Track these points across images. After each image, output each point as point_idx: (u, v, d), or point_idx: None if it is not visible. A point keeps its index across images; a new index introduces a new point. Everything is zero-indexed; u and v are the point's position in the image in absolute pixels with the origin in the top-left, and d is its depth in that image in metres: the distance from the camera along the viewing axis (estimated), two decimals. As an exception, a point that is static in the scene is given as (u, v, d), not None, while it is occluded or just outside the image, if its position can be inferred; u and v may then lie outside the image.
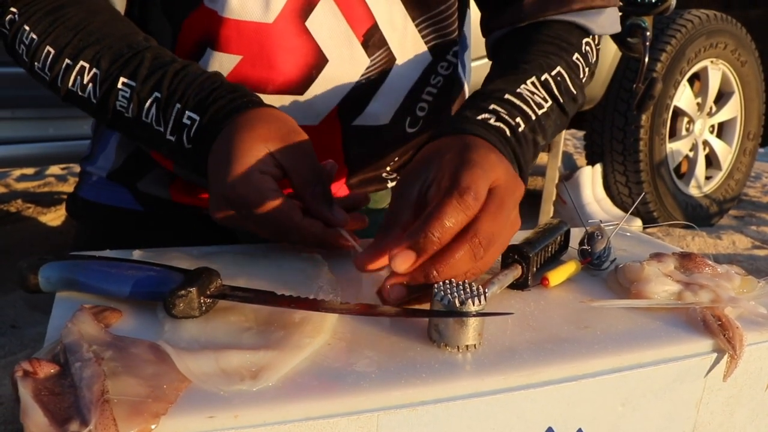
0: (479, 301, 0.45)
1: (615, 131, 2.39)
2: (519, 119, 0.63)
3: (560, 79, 0.70)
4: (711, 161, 2.74)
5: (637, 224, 2.32)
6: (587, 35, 0.76)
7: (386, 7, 0.76)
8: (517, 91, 0.66)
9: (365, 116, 0.80)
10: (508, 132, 0.62)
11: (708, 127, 2.67)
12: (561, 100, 0.69)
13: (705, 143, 2.68)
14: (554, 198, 2.14)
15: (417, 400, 0.40)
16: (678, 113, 2.53)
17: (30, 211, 2.23)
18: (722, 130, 2.74)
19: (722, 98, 2.68)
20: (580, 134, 3.78)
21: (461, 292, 0.45)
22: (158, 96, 0.65)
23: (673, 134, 2.55)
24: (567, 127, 2.18)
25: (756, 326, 0.52)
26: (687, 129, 2.59)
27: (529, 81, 0.67)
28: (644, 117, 2.33)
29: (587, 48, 0.75)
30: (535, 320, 0.51)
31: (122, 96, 0.66)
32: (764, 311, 0.55)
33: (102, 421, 0.34)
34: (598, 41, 0.79)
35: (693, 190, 2.63)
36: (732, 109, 2.69)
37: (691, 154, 2.63)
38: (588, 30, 0.76)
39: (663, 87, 2.26)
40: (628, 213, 0.72)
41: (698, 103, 2.60)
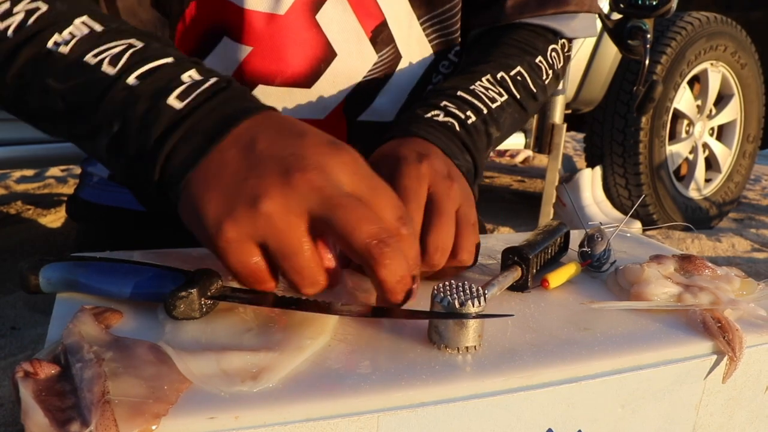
0: (479, 303, 0.45)
1: (615, 133, 2.39)
2: (470, 112, 0.68)
3: (520, 78, 0.75)
4: (711, 164, 2.74)
5: (637, 226, 2.32)
6: (556, 41, 0.81)
7: (394, 5, 0.77)
8: (470, 88, 0.71)
9: (371, 112, 0.81)
10: (458, 126, 0.66)
11: (708, 130, 2.67)
12: (518, 96, 0.74)
13: (705, 146, 2.68)
14: (554, 200, 2.13)
15: (417, 402, 0.40)
16: (678, 116, 2.53)
17: (30, 213, 2.23)
18: (722, 133, 2.74)
19: (722, 101, 2.68)
20: (580, 136, 3.79)
21: (461, 294, 0.45)
22: (134, 45, 0.52)
23: (673, 137, 2.55)
24: (567, 130, 2.20)
25: (755, 328, 0.52)
26: (687, 131, 2.59)
27: (484, 78, 0.72)
28: (644, 119, 2.33)
29: (553, 53, 0.80)
30: (535, 322, 0.51)
31: (67, 32, 0.52)
32: (764, 313, 0.55)
33: (103, 422, 0.34)
34: (569, 47, 0.83)
35: (693, 193, 2.63)
36: (732, 112, 2.69)
37: (691, 157, 2.63)
38: (560, 33, 0.81)
39: (663, 89, 2.26)
40: (628, 215, 0.72)
41: (698, 106, 2.60)
